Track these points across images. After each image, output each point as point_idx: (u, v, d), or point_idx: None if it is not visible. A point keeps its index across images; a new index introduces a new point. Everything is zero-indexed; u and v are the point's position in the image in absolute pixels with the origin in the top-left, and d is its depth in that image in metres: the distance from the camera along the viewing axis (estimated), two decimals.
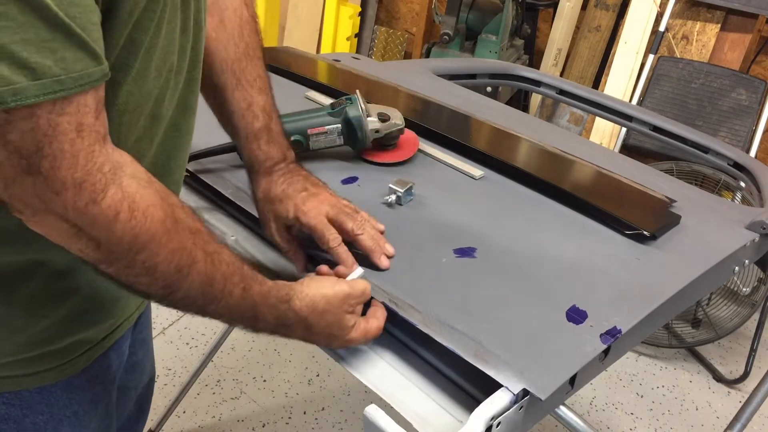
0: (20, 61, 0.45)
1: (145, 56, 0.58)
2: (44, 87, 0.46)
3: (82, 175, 0.50)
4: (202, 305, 0.61)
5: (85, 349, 0.72)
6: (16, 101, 0.45)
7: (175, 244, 0.57)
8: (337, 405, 1.89)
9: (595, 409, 2.01)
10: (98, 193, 0.51)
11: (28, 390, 0.69)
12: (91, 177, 0.50)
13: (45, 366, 0.69)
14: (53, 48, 0.46)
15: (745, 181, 1.31)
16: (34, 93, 0.46)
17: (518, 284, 0.78)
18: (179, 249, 0.57)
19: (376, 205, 0.90)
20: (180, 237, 0.57)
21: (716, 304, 2.20)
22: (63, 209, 0.50)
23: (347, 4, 2.97)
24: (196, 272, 0.59)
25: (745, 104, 2.35)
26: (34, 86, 0.46)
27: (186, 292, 0.59)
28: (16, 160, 0.48)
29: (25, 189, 0.49)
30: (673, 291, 0.80)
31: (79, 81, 0.48)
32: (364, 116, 0.95)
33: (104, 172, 0.51)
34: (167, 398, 1.77)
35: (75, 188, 0.50)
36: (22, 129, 0.47)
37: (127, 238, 0.53)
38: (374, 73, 1.33)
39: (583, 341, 0.69)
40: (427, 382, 0.71)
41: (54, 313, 0.67)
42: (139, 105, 0.61)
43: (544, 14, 3.01)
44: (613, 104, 1.48)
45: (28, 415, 0.70)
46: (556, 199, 0.96)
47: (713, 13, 2.47)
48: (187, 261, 0.58)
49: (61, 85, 0.47)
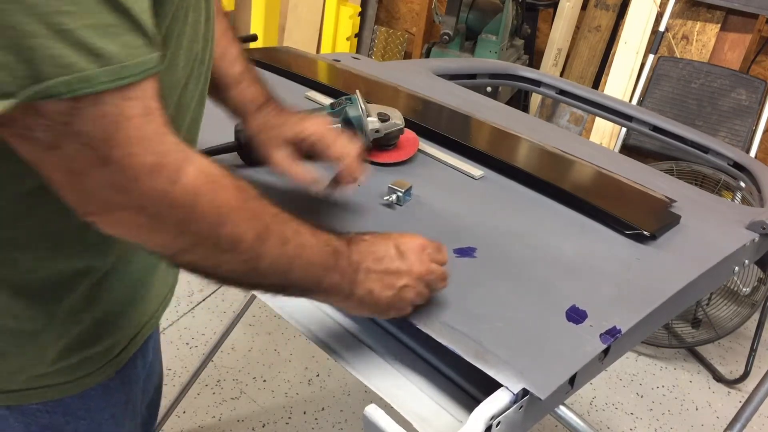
0: (88, 48, 0.44)
1: (176, 44, 0.58)
2: (112, 73, 0.45)
3: (157, 158, 0.49)
4: (285, 270, 0.60)
5: (119, 350, 0.72)
6: (84, 89, 0.44)
7: (250, 211, 0.56)
8: (337, 405, 1.89)
9: (595, 409, 2.01)
10: (176, 172, 0.50)
11: (70, 396, 0.68)
12: (165, 158, 0.50)
13: (85, 371, 0.68)
14: (117, 33, 0.45)
15: (745, 181, 1.31)
16: (103, 80, 0.45)
17: (518, 284, 0.78)
18: (255, 216, 0.57)
19: (375, 205, 0.90)
20: (252, 204, 0.57)
21: (716, 304, 2.20)
22: (143, 197, 0.49)
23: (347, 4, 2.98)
24: (273, 236, 0.58)
25: (745, 104, 2.35)
26: (103, 73, 0.45)
27: (270, 260, 0.58)
28: (87, 152, 0.47)
29: (99, 183, 0.48)
30: (673, 291, 0.80)
31: (142, 67, 0.47)
32: (364, 116, 0.95)
33: (177, 151, 0.51)
34: (167, 398, 1.77)
35: (152, 171, 0.49)
36: (91, 118, 0.46)
37: (210, 213, 0.53)
38: (374, 73, 1.33)
39: (582, 341, 0.69)
40: (427, 382, 0.71)
41: (91, 317, 0.66)
42: (169, 94, 0.60)
43: (544, 14, 3.01)
44: (613, 104, 1.48)
45: (70, 422, 0.70)
46: (556, 199, 0.96)
47: (713, 13, 2.47)
48: (262, 226, 0.57)
49: (127, 71, 0.46)
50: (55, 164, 0.48)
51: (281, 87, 1.16)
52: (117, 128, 0.47)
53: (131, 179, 0.48)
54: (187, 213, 0.52)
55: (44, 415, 0.68)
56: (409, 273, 0.67)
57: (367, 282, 0.65)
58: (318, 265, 0.62)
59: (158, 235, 0.52)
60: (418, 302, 0.70)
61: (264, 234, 0.57)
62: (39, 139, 0.46)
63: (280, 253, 0.59)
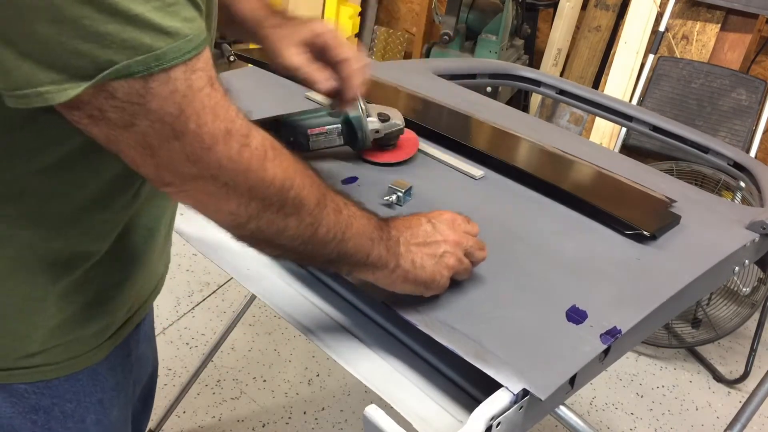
0: (156, 28, 0.46)
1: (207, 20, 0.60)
2: (180, 49, 0.47)
3: (227, 124, 0.51)
4: (340, 238, 0.62)
5: (109, 334, 0.72)
6: (158, 65, 0.46)
7: (309, 177, 0.59)
8: (337, 405, 1.89)
9: (595, 409, 2.01)
10: (245, 136, 0.52)
11: (57, 378, 0.69)
12: (234, 124, 0.52)
13: (74, 353, 0.69)
14: (177, 11, 0.47)
15: (745, 181, 1.31)
16: (173, 56, 0.47)
17: (518, 284, 0.78)
18: (313, 182, 0.59)
19: (376, 205, 0.90)
20: (309, 171, 0.59)
21: (716, 304, 2.20)
22: (217, 165, 0.51)
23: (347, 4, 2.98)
24: (330, 203, 0.61)
25: (745, 104, 2.35)
26: (172, 49, 0.47)
27: (327, 227, 0.60)
28: (161, 127, 0.48)
29: (174, 155, 0.50)
30: (673, 291, 0.80)
31: (200, 38, 0.49)
32: (364, 116, 0.95)
33: (241, 117, 0.53)
34: (167, 398, 1.77)
35: (225, 138, 0.51)
36: (162, 95, 0.47)
37: (279, 176, 0.55)
38: (374, 73, 1.33)
39: (583, 341, 0.69)
40: (427, 382, 0.71)
41: (83, 299, 0.67)
42: None
43: (544, 14, 3.01)
44: (613, 104, 1.48)
45: (57, 404, 0.70)
46: (556, 199, 0.96)
47: (713, 13, 2.47)
48: (321, 192, 0.60)
49: (191, 44, 0.48)
50: (130, 142, 0.50)
51: (281, 87, 1.16)
52: (188, 102, 0.49)
53: (205, 148, 0.50)
54: (259, 177, 0.54)
55: (32, 396, 0.68)
56: (445, 241, 0.70)
57: (408, 254, 0.68)
58: (366, 237, 0.64)
59: (231, 202, 0.54)
60: (460, 270, 0.72)
61: (322, 200, 0.60)
62: (112, 119, 0.48)
63: (336, 220, 0.61)
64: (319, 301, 0.81)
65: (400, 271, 0.67)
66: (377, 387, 0.69)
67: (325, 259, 0.63)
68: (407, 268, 0.68)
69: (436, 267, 0.69)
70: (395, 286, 0.69)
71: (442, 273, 0.70)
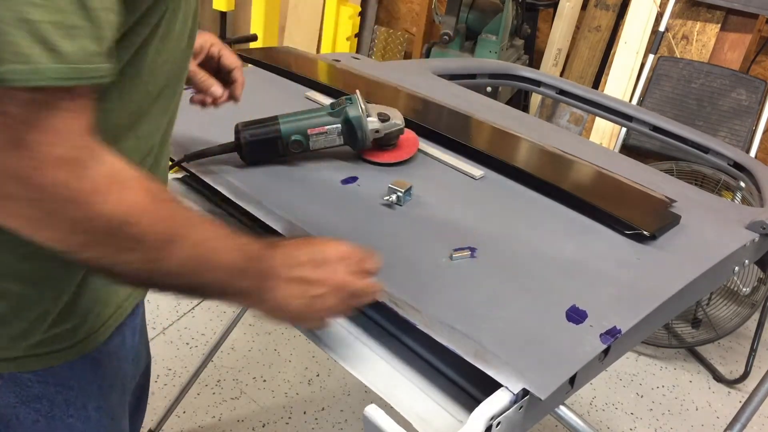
0: (48, 43, 0.45)
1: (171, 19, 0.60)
2: (62, 72, 0.46)
3: (67, 152, 0.49)
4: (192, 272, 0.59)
5: (104, 320, 0.73)
6: (33, 81, 0.45)
7: (156, 214, 0.56)
8: (337, 405, 1.89)
9: (595, 409, 2.01)
10: (82, 168, 0.50)
11: (59, 365, 0.70)
12: (76, 153, 0.50)
13: (73, 340, 0.70)
14: (78, 35, 0.46)
15: (745, 181, 1.31)
16: (51, 75, 0.46)
17: (518, 284, 0.78)
18: (161, 218, 0.56)
19: (375, 205, 0.90)
20: (161, 207, 0.56)
21: (716, 304, 2.20)
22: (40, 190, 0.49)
23: (347, 4, 2.97)
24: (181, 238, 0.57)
25: (745, 104, 2.35)
26: (54, 69, 0.46)
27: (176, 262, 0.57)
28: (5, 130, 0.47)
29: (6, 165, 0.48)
30: (673, 291, 0.80)
31: (92, 73, 0.48)
32: (364, 116, 0.95)
33: (91, 150, 0.51)
34: (167, 398, 1.77)
35: (58, 164, 0.49)
36: (22, 100, 0.47)
37: (109, 213, 0.52)
38: (374, 73, 1.33)
39: (582, 341, 0.69)
40: (427, 382, 0.71)
41: (78, 289, 0.68)
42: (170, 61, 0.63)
43: (544, 14, 3.01)
44: (613, 104, 1.48)
45: (60, 392, 0.71)
46: (556, 199, 0.96)
47: (713, 13, 2.47)
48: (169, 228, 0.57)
49: (77, 73, 0.47)
50: None
51: (281, 87, 1.16)
52: (42, 115, 0.47)
53: (35, 168, 0.48)
54: (84, 211, 0.51)
55: (35, 385, 0.69)
56: (324, 282, 0.65)
57: (277, 289, 0.64)
58: (227, 270, 0.61)
59: (50, 232, 0.51)
60: (336, 314, 0.68)
61: (171, 236, 0.57)
62: None
63: (187, 255, 0.58)
64: None
65: (266, 306, 0.65)
66: (377, 387, 0.69)
67: (178, 290, 0.61)
68: (272, 304, 0.65)
69: (304, 309, 0.66)
70: (263, 316, 0.67)
71: (314, 313, 0.66)
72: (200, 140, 0.97)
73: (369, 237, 0.84)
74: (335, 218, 0.86)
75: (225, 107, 0.92)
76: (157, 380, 1.87)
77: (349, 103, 0.95)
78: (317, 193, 0.92)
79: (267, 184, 0.92)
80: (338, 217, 0.87)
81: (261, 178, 0.93)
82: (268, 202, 0.88)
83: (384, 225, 0.86)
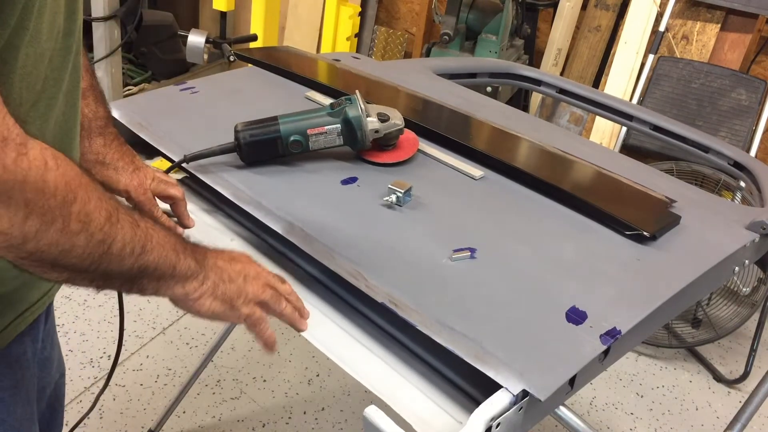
0: None
1: (38, 17, 0.57)
2: None
3: (4, 131, 0.48)
4: (140, 251, 0.59)
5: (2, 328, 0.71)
6: None
7: (98, 191, 0.55)
8: (337, 405, 1.89)
9: (595, 409, 2.01)
10: (22, 145, 0.49)
11: None
12: (10, 133, 0.49)
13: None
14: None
15: (745, 181, 1.31)
16: None
17: (518, 284, 0.78)
18: (103, 196, 0.56)
19: (375, 205, 0.90)
20: (98, 186, 0.56)
21: (716, 304, 2.20)
22: None
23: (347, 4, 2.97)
24: (123, 216, 0.57)
25: (745, 104, 2.35)
26: None
27: (123, 241, 0.57)
28: None
29: None
30: (673, 291, 0.80)
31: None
32: (363, 116, 0.95)
33: (18, 129, 0.50)
34: (167, 398, 1.77)
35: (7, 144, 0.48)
36: None
37: (60, 187, 0.51)
38: (374, 73, 1.33)
39: (582, 342, 0.69)
40: (427, 383, 0.71)
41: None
42: (35, 67, 0.60)
43: (544, 14, 3.01)
44: (613, 103, 1.48)
45: None
46: (556, 199, 0.96)
47: (713, 13, 2.47)
48: (112, 206, 0.56)
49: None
50: None
51: (281, 87, 1.16)
52: None
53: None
54: (38, 188, 0.50)
55: None
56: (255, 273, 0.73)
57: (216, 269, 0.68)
58: (170, 248, 0.62)
59: (4, 219, 0.49)
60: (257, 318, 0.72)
61: (114, 214, 0.56)
62: None
63: (133, 234, 0.58)
64: (319, 303, 0.81)
65: (210, 283, 0.67)
66: (377, 388, 0.69)
67: (124, 277, 0.60)
68: (216, 281, 0.67)
69: (242, 286, 0.70)
70: (203, 303, 0.68)
71: (247, 294, 0.70)
72: (200, 141, 0.97)
73: (369, 237, 0.83)
74: (335, 218, 0.86)
75: (225, 108, 0.92)
76: (157, 380, 1.87)
77: (349, 103, 0.95)
78: (317, 194, 0.92)
79: (267, 184, 0.92)
80: (338, 218, 0.87)
81: (261, 179, 0.93)
82: (268, 202, 0.88)
83: (384, 225, 0.86)
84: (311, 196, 0.91)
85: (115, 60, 2.71)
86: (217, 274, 0.68)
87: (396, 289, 0.74)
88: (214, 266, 0.69)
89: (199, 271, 0.66)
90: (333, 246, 0.80)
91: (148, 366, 1.92)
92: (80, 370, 1.85)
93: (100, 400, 1.75)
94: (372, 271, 0.77)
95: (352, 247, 0.81)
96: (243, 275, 0.71)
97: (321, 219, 0.86)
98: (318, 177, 0.96)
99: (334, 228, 0.84)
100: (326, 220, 0.86)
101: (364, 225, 0.86)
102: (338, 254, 0.79)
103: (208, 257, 0.69)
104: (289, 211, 0.86)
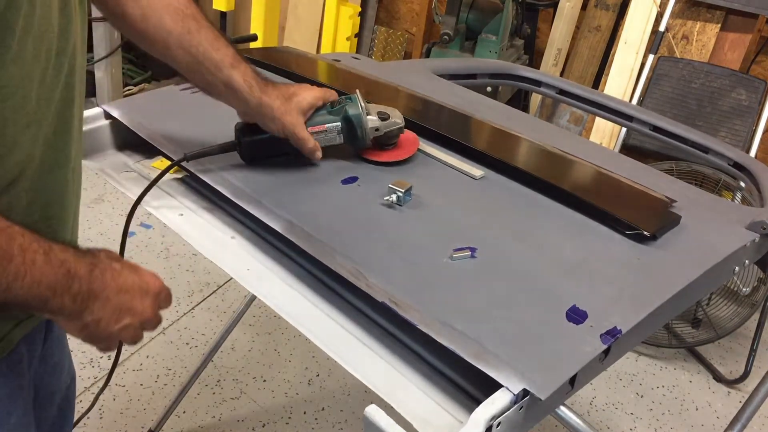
0: None
1: (23, 36, 0.57)
2: None
3: None
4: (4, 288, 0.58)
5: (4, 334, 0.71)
6: None
7: None
8: (337, 405, 1.89)
9: (595, 409, 2.01)
10: None
11: None
12: None
13: None
14: None
15: (745, 181, 1.31)
16: None
17: (518, 284, 0.78)
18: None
19: (375, 205, 0.90)
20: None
21: (716, 304, 2.20)
22: None
23: (347, 4, 2.97)
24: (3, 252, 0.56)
25: (745, 104, 2.35)
26: None
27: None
28: None
29: None
30: (673, 291, 0.80)
31: None
32: (363, 114, 0.95)
33: None
34: (167, 398, 1.77)
35: None
36: None
37: None
38: (374, 73, 1.33)
39: (583, 341, 0.69)
40: (427, 382, 0.71)
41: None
42: (22, 87, 0.59)
43: (544, 14, 3.01)
44: (613, 104, 1.48)
45: None
46: (556, 199, 0.96)
47: (713, 13, 2.47)
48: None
49: None
50: None
51: None
52: None
53: None
54: None
55: None
56: (139, 314, 0.69)
57: (100, 311, 0.65)
58: (46, 286, 0.60)
59: None
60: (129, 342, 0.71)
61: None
62: None
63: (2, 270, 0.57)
64: (319, 302, 0.81)
65: (79, 324, 0.65)
66: (377, 387, 0.69)
67: None
68: (88, 323, 0.65)
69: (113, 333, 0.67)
70: (68, 331, 0.67)
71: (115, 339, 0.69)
72: (200, 140, 0.97)
73: (369, 237, 0.83)
74: (335, 217, 0.86)
75: (225, 107, 0.92)
76: (157, 380, 1.88)
77: (349, 102, 0.95)
78: (317, 193, 0.92)
79: (267, 183, 0.92)
80: (338, 217, 0.87)
81: (261, 178, 0.93)
82: (268, 201, 0.88)
83: (384, 225, 0.86)
84: (311, 195, 0.91)
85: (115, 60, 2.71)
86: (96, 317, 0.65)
87: (396, 288, 0.74)
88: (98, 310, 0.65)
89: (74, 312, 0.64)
90: (333, 245, 0.80)
91: (148, 366, 1.92)
92: (80, 370, 1.85)
93: (100, 400, 1.75)
94: (372, 270, 0.77)
95: (353, 246, 0.81)
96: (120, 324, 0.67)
97: (321, 218, 0.86)
98: (318, 176, 0.96)
99: (335, 227, 0.84)
100: (326, 219, 0.86)
101: (364, 224, 0.86)
102: (338, 253, 0.79)
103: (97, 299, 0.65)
104: (290, 210, 0.86)
